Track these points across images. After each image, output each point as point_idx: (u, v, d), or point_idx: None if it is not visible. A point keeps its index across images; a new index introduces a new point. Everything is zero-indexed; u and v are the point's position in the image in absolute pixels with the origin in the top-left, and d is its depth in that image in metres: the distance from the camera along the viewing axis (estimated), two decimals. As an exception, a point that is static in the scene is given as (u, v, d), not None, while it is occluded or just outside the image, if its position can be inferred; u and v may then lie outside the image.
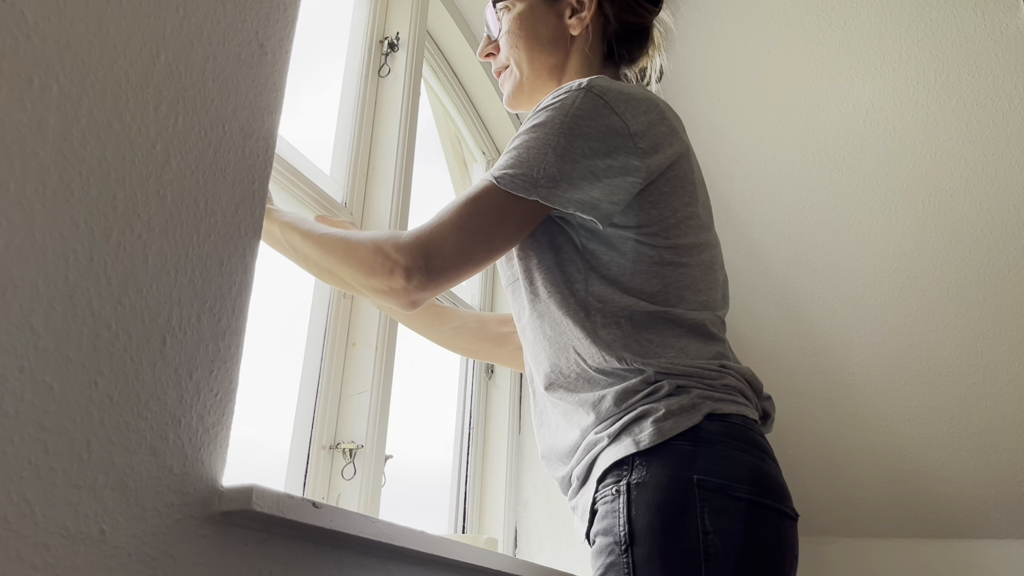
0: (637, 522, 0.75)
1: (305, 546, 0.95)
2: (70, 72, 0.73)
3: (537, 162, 0.83)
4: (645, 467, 0.77)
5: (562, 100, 0.86)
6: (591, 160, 0.83)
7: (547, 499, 1.96)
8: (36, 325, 0.68)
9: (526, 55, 1.00)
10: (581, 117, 0.84)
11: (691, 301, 0.88)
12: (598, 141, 0.84)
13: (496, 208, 0.83)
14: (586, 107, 0.85)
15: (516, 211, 0.84)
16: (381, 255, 0.85)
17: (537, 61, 1.00)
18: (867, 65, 2.27)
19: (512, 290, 0.97)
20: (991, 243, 2.29)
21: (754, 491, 0.76)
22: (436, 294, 0.86)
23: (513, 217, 0.84)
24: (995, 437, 2.46)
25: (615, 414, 0.82)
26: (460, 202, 0.85)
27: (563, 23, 1.00)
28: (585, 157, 0.83)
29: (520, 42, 1.00)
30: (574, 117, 0.84)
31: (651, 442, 0.77)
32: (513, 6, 1.01)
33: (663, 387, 0.81)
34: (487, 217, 0.83)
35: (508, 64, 1.03)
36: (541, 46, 1.00)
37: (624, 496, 0.77)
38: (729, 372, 0.85)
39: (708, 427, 0.78)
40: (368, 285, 0.87)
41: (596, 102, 0.85)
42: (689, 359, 0.84)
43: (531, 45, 1.00)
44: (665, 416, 0.78)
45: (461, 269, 0.84)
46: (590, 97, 0.85)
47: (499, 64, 1.05)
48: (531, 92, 1.02)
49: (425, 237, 0.84)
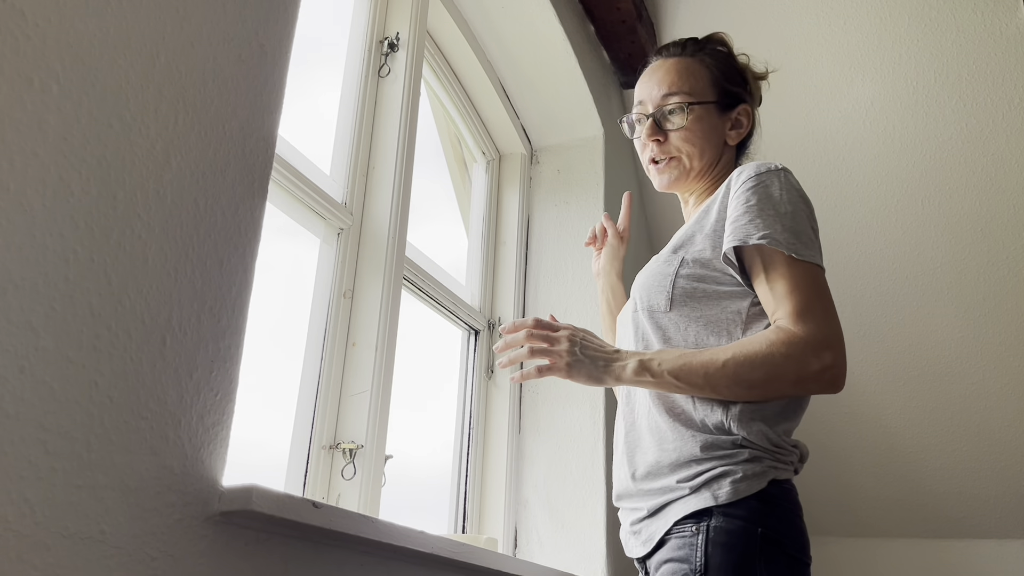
0: (712, 558, 0.94)
1: (305, 546, 0.95)
2: (70, 72, 0.73)
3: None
4: (722, 516, 0.95)
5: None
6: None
7: (547, 499, 1.96)
8: (36, 325, 0.68)
9: (698, 152, 1.19)
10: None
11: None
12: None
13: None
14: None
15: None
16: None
17: (705, 158, 1.19)
18: (867, 65, 2.27)
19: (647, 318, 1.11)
20: (991, 243, 2.29)
21: (797, 547, 0.97)
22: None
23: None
24: (995, 437, 2.46)
25: (699, 458, 0.98)
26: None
27: (725, 133, 1.21)
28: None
29: (697, 141, 1.18)
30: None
31: (728, 499, 0.95)
32: (693, 111, 1.19)
33: (743, 453, 0.98)
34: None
35: (678, 155, 1.20)
36: (711, 148, 1.19)
37: (703, 535, 0.95)
38: (796, 450, 1.04)
39: (771, 491, 0.97)
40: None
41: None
42: (775, 435, 1.01)
43: (704, 145, 1.19)
44: (742, 479, 0.96)
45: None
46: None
47: (666, 152, 1.20)
48: (689, 181, 1.21)
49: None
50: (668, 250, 1.13)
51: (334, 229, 1.49)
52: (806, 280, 0.99)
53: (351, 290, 1.48)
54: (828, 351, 0.95)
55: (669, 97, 1.18)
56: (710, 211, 1.10)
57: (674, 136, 1.18)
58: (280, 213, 1.39)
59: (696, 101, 1.18)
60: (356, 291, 1.49)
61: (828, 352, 0.95)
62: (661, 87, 1.20)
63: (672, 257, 1.10)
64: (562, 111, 2.26)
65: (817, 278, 1.00)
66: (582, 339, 1.04)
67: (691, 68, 1.20)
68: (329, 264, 1.47)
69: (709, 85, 1.19)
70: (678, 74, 1.19)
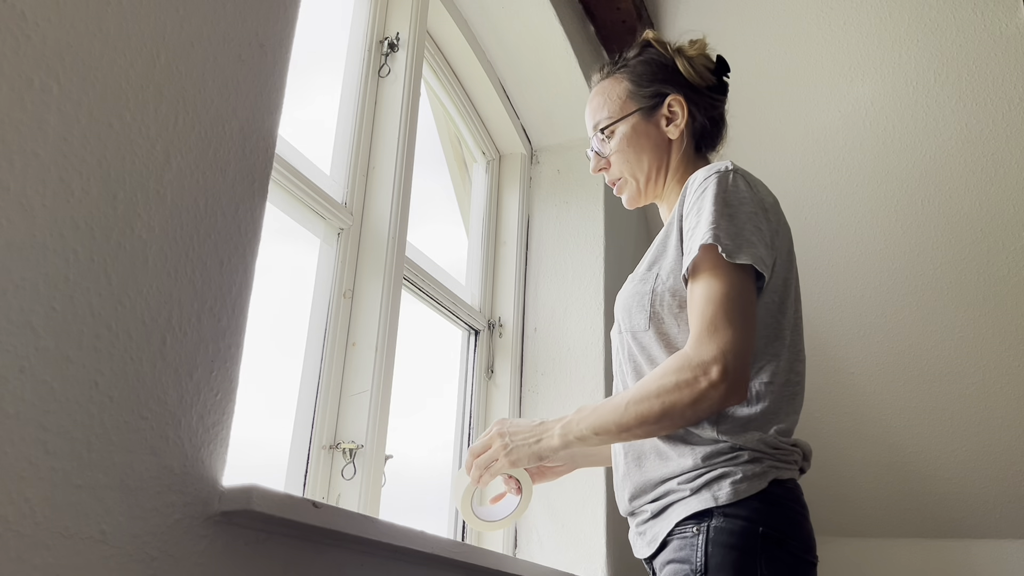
0: (712, 558, 0.94)
1: (305, 546, 0.95)
2: (70, 72, 0.73)
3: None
4: (722, 516, 0.95)
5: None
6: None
7: (547, 499, 1.96)
8: (36, 325, 0.68)
9: (637, 166, 1.20)
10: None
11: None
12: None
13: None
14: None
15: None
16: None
17: (646, 167, 1.20)
18: (867, 65, 2.27)
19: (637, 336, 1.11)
20: (991, 243, 2.29)
21: (800, 547, 0.97)
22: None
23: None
24: (995, 437, 2.46)
25: (700, 468, 0.99)
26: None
27: (661, 131, 1.19)
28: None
29: (631, 156, 1.20)
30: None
31: (728, 500, 0.96)
32: (616, 130, 1.21)
33: (743, 455, 0.98)
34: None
35: (622, 176, 1.22)
36: (648, 156, 1.19)
37: (703, 536, 0.95)
38: (797, 449, 1.04)
39: (773, 490, 0.97)
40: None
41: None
42: (771, 438, 1.00)
43: (640, 157, 1.19)
44: (741, 480, 0.97)
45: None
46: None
47: (613, 176, 1.24)
48: (645, 194, 1.23)
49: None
50: (643, 267, 1.12)
51: (334, 229, 1.49)
52: (721, 289, 0.97)
53: (351, 290, 1.48)
54: (716, 366, 0.93)
55: (596, 128, 1.23)
56: (673, 221, 1.09)
57: (613, 159, 1.22)
58: (280, 213, 1.39)
59: (615, 120, 1.20)
60: (356, 291, 1.49)
61: (716, 366, 0.93)
62: (590, 120, 1.25)
63: (647, 274, 1.09)
64: (562, 111, 2.26)
65: (737, 285, 0.97)
66: (509, 431, 1.11)
67: (606, 89, 1.23)
68: (329, 264, 1.47)
69: (627, 98, 1.21)
70: (597, 103, 1.24)
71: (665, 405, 0.96)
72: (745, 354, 0.95)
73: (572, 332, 2.09)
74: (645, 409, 0.97)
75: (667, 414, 0.96)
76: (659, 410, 0.96)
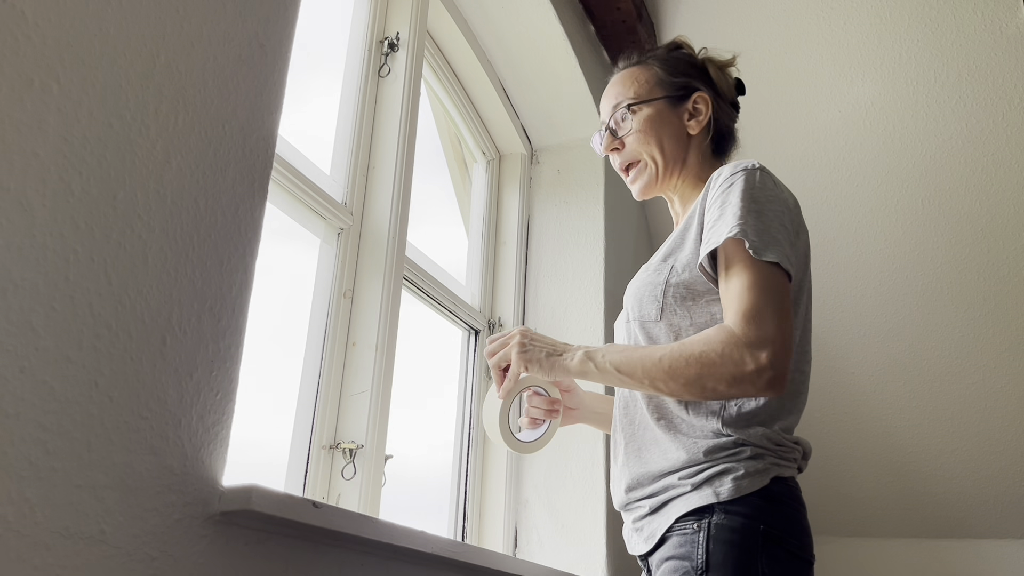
0: (714, 555, 0.94)
1: (305, 546, 0.95)
2: (70, 72, 0.73)
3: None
4: (724, 513, 0.95)
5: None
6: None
7: (547, 499, 1.96)
8: (36, 325, 0.68)
9: (656, 148, 1.18)
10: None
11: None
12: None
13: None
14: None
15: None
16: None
17: (666, 153, 1.18)
18: (867, 65, 2.27)
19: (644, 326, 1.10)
20: (991, 243, 2.29)
21: (798, 545, 0.97)
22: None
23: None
24: (995, 437, 2.46)
25: (701, 462, 0.99)
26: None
27: (683, 124, 1.19)
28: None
29: (650, 138, 1.18)
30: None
31: (730, 496, 0.95)
32: (641, 109, 1.19)
33: (745, 451, 0.98)
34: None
35: (639, 159, 1.20)
36: (668, 143, 1.18)
37: (704, 532, 0.95)
38: (798, 447, 1.04)
39: (774, 488, 0.97)
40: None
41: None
42: (775, 434, 1.00)
43: (660, 142, 1.17)
44: (743, 476, 0.96)
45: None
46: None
47: (626, 159, 1.21)
48: (661, 183, 1.20)
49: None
50: (658, 258, 1.12)
51: (334, 229, 1.49)
52: (760, 281, 0.96)
53: (351, 290, 1.48)
54: (765, 351, 0.91)
55: (617, 107, 1.21)
56: (694, 215, 1.09)
57: (629, 141, 1.19)
58: (280, 213, 1.39)
59: (641, 101, 1.19)
60: (356, 291, 1.49)
61: (765, 353, 0.91)
62: (610, 100, 1.23)
63: (662, 265, 1.09)
64: (562, 111, 2.26)
65: (773, 280, 0.96)
66: (530, 336, 1.10)
67: (634, 74, 1.22)
68: (329, 264, 1.47)
69: (655, 84, 1.20)
70: (622, 83, 1.22)
71: (703, 372, 0.94)
72: (790, 349, 0.94)
73: (572, 332, 2.09)
74: (681, 367, 0.95)
75: (700, 380, 0.94)
76: (695, 374, 0.94)
